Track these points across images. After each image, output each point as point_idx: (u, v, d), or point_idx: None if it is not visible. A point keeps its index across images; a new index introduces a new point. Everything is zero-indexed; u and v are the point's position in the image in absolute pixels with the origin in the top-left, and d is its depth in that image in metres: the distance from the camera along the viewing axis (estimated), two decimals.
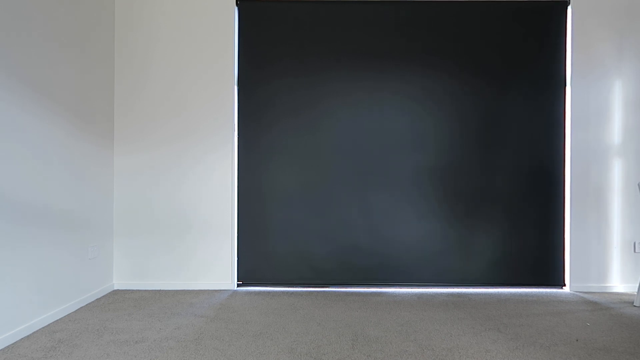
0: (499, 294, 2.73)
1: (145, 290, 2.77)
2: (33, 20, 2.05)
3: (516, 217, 2.87)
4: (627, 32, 2.81)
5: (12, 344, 1.87)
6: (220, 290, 2.80)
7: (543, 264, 2.87)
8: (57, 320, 2.19)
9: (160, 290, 2.79)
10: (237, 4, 2.87)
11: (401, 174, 2.87)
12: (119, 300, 2.55)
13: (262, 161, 2.88)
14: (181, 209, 2.83)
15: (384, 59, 2.87)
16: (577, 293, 2.77)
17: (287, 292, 2.77)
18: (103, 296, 2.65)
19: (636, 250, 2.80)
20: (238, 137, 2.87)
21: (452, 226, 2.88)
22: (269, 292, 2.76)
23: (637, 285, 2.66)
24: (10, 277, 1.90)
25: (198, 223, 2.83)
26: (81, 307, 2.41)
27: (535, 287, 2.86)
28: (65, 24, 2.30)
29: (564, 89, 2.87)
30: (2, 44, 1.86)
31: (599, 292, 2.78)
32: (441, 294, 2.73)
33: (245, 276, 2.88)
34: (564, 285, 2.87)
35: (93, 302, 2.52)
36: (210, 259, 2.83)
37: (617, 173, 2.81)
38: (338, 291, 2.79)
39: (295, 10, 2.88)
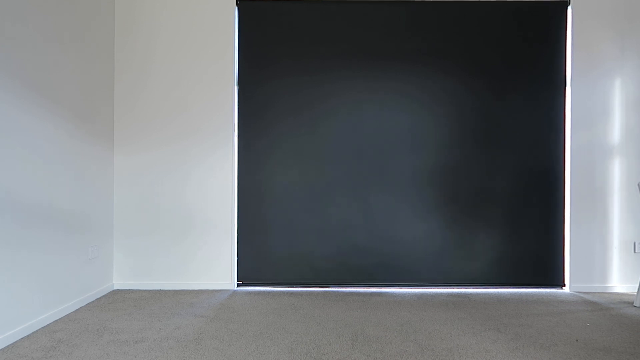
0: (499, 294, 2.73)
1: (145, 290, 2.78)
2: (32, 19, 2.05)
3: (516, 217, 2.87)
4: (628, 32, 2.81)
5: (12, 343, 1.87)
6: (220, 290, 2.80)
7: (543, 264, 2.87)
8: (57, 320, 2.19)
9: (160, 290, 2.79)
10: (237, 4, 2.87)
11: (401, 174, 2.87)
12: (118, 300, 2.55)
13: (262, 161, 2.88)
14: (181, 209, 2.83)
15: (385, 59, 2.87)
16: (577, 293, 2.77)
17: (287, 292, 2.77)
18: (103, 296, 2.65)
19: (636, 251, 2.80)
20: (238, 137, 2.87)
21: (452, 226, 2.88)
22: (269, 292, 2.76)
23: (637, 285, 2.66)
24: (10, 277, 1.90)
25: (198, 223, 2.83)
26: (81, 307, 2.41)
27: (535, 287, 2.86)
28: (64, 24, 2.30)
29: (564, 89, 2.88)
30: (2, 44, 1.86)
31: (599, 292, 2.78)
32: (441, 294, 2.73)
33: (245, 276, 2.88)
34: (564, 285, 2.87)
35: (93, 302, 2.52)
36: (210, 259, 2.83)
37: (617, 173, 2.81)
38: (338, 291, 2.79)
39: (296, 10, 2.88)
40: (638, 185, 2.58)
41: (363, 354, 1.77)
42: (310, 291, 2.79)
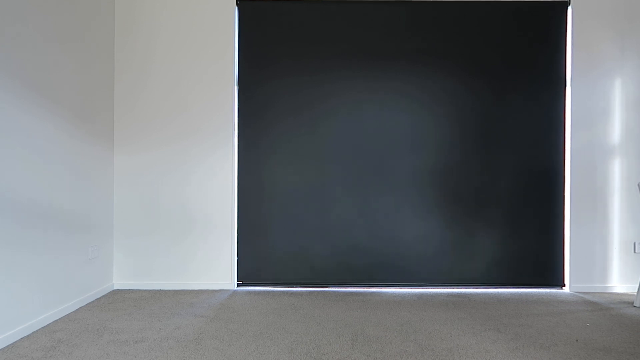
0: (499, 294, 2.73)
1: (145, 290, 2.78)
2: (32, 19, 2.05)
3: (516, 217, 2.87)
4: (628, 32, 2.81)
5: (12, 343, 1.87)
6: (220, 290, 2.80)
7: (543, 264, 2.87)
8: (57, 320, 2.19)
9: (160, 290, 2.79)
10: (237, 4, 2.87)
11: (401, 174, 2.87)
12: (118, 300, 2.55)
13: (262, 161, 2.88)
14: (181, 209, 2.83)
15: (385, 59, 2.87)
16: (577, 293, 2.77)
17: (287, 292, 2.77)
18: (103, 296, 2.65)
19: (636, 251, 2.80)
20: (238, 137, 2.87)
21: (452, 226, 2.88)
22: (269, 292, 2.76)
23: (637, 285, 2.66)
24: (10, 277, 1.90)
25: (198, 223, 2.83)
26: (81, 307, 2.41)
27: (535, 288, 2.86)
28: (64, 24, 2.30)
29: (564, 89, 2.87)
30: (2, 44, 1.86)
31: (599, 293, 2.78)
32: (441, 294, 2.73)
33: (245, 276, 2.88)
34: (564, 285, 2.87)
35: (93, 302, 2.52)
36: (210, 259, 2.83)
37: (617, 173, 2.81)
38: (338, 291, 2.79)
39: (296, 10, 2.88)
40: (638, 185, 2.58)
41: (363, 354, 1.77)
42: (310, 291, 2.79)
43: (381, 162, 2.87)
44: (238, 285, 2.88)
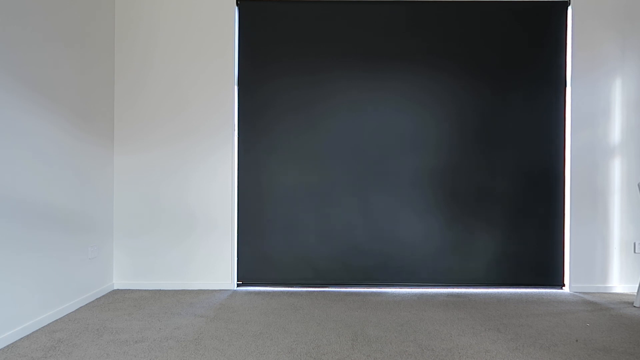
0: (499, 294, 2.73)
1: (145, 290, 2.77)
2: (32, 19, 2.05)
3: (516, 217, 2.87)
4: (629, 32, 2.81)
5: (12, 343, 1.87)
6: (220, 290, 2.80)
7: (543, 264, 2.87)
8: (57, 319, 2.19)
9: (160, 290, 2.79)
10: (237, 4, 2.87)
11: (401, 173, 2.87)
12: (118, 300, 2.55)
13: (262, 161, 2.88)
14: (181, 209, 2.83)
15: (385, 59, 2.87)
16: (577, 293, 2.77)
17: (287, 292, 2.77)
18: (103, 296, 2.65)
19: (636, 251, 2.80)
20: (238, 137, 2.87)
21: (452, 226, 2.88)
22: (269, 292, 2.76)
23: (637, 285, 2.66)
24: (10, 277, 1.90)
25: (198, 223, 2.83)
26: (81, 307, 2.41)
27: (535, 288, 2.86)
28: (65, 23, 2.30)
29: (564, 89, 2.87)
30: (2, 44, 1.86)
31: (598, 293, 2.78)
32: (441, 294, 2.73)
33: (245, 276, 2.88)
34: (564, 285, 2.87)
35: (93, 301, 2.52)
36: (210, 259, 2.83)
37: (617, 173, 2.81)
38: (338, 291, 2.79)
39: (296, 10, 2.88)
40: (638, 185, 2.58)
41: (363, 354, 1.77)
42: (310, 291, 2.79)
43: (381, 161, 2.87)
44: (238, 285, 2.88)
